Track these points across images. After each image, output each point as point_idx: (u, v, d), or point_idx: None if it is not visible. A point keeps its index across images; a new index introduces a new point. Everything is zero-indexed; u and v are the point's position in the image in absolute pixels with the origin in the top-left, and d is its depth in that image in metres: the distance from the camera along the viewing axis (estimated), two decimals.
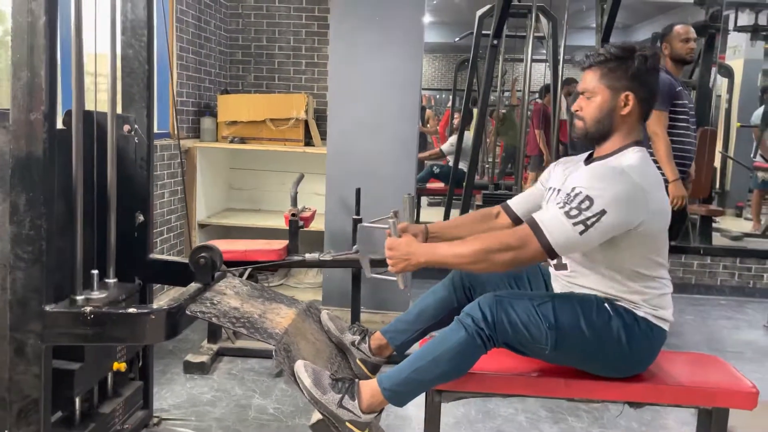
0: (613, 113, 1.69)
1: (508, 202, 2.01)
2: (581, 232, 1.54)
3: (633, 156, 1.66)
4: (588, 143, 1.78)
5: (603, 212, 1.54)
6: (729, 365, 1.86)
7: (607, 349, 1.64)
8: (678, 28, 3.31)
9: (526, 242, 1.57)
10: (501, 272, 1.86)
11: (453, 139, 6.11)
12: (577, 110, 1.75)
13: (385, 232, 1.81)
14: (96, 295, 1.83)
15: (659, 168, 3.21)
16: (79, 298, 1.74)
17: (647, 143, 3.26)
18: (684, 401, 1.73)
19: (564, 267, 1.76)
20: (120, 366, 2.04)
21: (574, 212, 1.54)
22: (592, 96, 1.71)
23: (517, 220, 1.94)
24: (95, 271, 1.85)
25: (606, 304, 1.65)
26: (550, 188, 1.85)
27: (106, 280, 1.95)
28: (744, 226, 6.23)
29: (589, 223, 1.54)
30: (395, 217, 1.81)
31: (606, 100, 1.69)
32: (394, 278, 1.81)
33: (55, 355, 1.72)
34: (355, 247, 1.93)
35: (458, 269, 1.86)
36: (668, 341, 3.69)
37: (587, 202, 1.54)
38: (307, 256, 1.99)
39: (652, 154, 3.22)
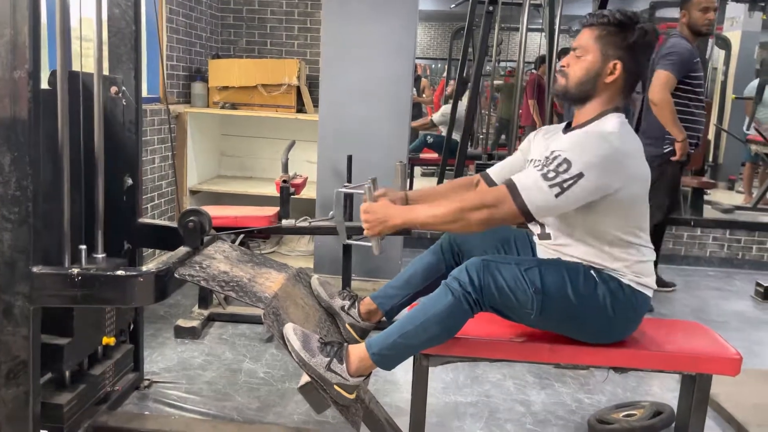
0: (598, 78, 1.69)
1: (488, 170, 2.01)
2: (557, 195, 1.55)
3: (613, 122, 1.66)
4: (566, 102, 1.77)
5: (580, 175, 1.54)
6: (713, 332, 1.89)
7: (592, 315, 1.65)
8: None
9: (502, 201, 1.58)
10: (479, 232, 1.83)
11: (444, 109, 6.07)
12: (563, 66, 1.74)
13: (363, 197, 1.81)
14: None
15: (666, 132, 3.16)
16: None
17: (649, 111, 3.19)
18: (668, 367, 1.75)
19: (548, 237, 1.77)
20: (110, 340, 2.06)
21: (551, 174, 1.55)
22: (583, 54, 1.70)
23: None
24: (83, 247, 1.81)
25: (592, 271, 1.67)
26: (530, 160, 1.84)
27: (95, 255, 1.90)
28: (735, 198, 6.26)
29: (565, 185, 1.54)
30: (372, 183, 1.81)
31: (594, 62, 1.68)
32: (369, 243, 1.80)
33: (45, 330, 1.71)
34: (331, 213, 1.91)
35: (435, 230, 1.86)
36: (656, 311, 3.71)
37: (565, 165, 1.55)
38: (284, 222, 1.98)
39: (655, 120, 3.16)
